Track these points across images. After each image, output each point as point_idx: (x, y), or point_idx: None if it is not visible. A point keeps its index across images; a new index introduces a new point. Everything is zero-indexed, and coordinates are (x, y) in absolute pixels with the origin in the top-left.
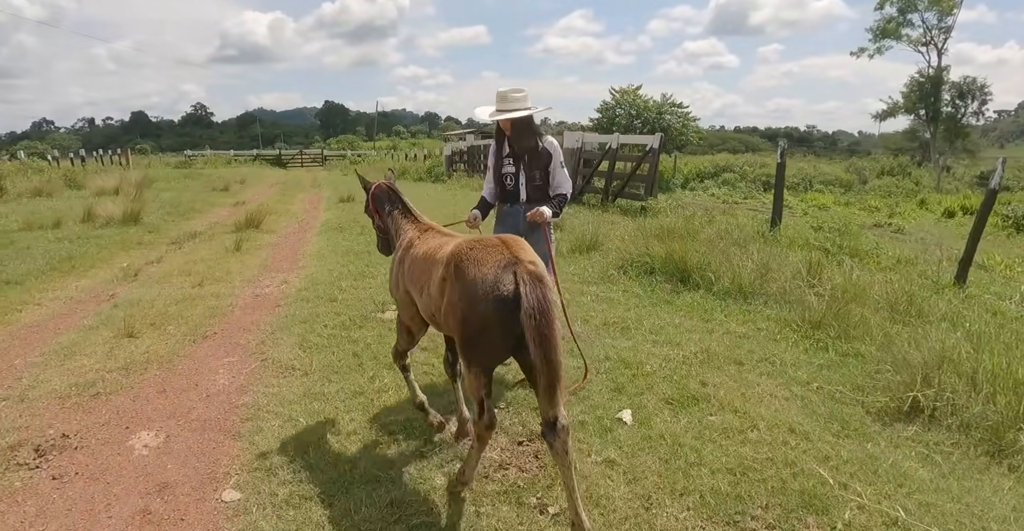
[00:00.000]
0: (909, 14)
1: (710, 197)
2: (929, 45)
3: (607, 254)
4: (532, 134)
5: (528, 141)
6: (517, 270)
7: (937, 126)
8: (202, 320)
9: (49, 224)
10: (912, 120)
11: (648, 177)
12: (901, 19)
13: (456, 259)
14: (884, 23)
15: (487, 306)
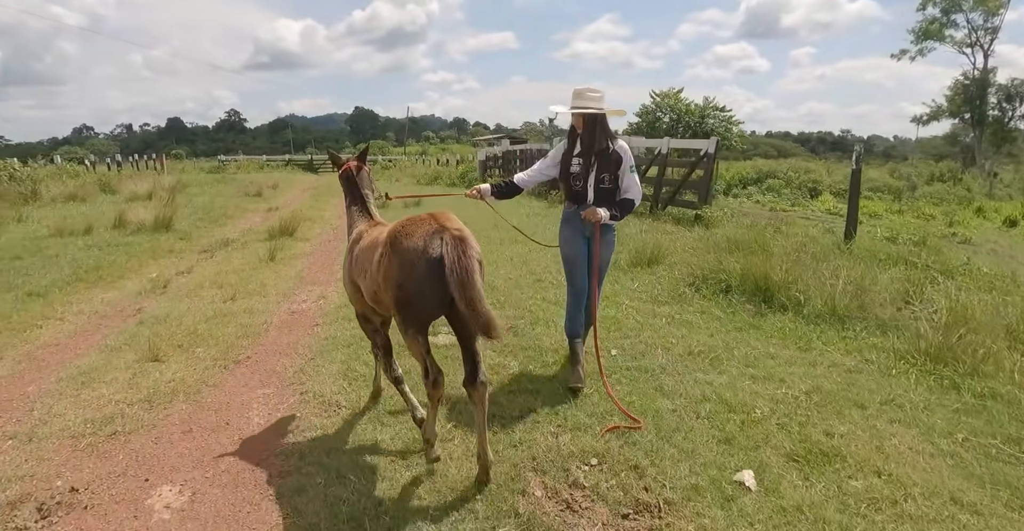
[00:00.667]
0: (953, 14)
1: (755, 204)
2: (974, 46)
3: (672, 269)
4: (604, 134)
5: (600, 141)
6: (443, 236)
7: (983, 130)
8: (234, 341)
9: (80, 230)
10: (954, 124)
11: (702, 184)
12: (945, 20)
13: (391, 236)
14: (926, 24)
15: (419, 269)
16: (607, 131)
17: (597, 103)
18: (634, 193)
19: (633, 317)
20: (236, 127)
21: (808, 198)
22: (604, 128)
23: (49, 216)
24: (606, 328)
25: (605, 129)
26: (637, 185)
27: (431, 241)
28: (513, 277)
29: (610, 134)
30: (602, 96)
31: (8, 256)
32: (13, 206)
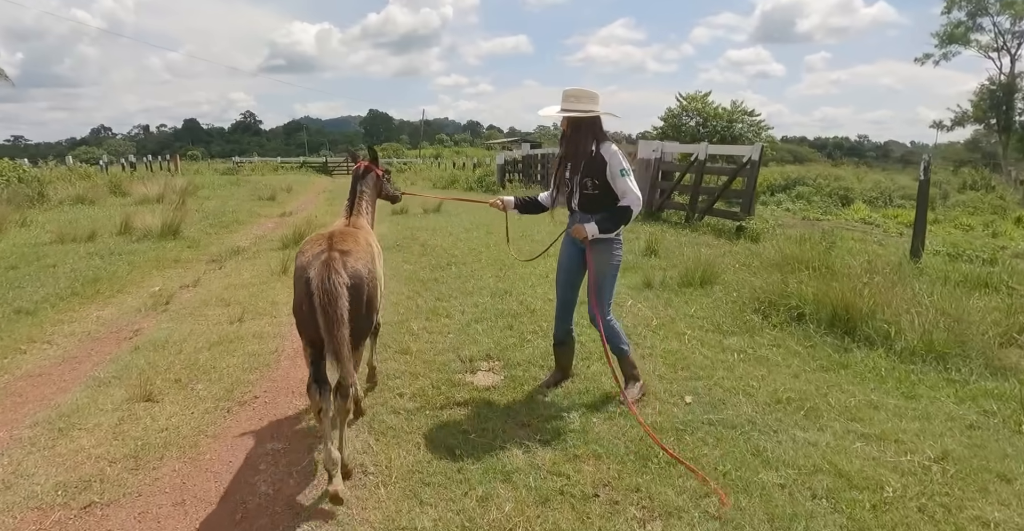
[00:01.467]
0: (979, 18)
1: (785, 212)
2: (1001, 51)
3: (729, 290)
4: (589, 137)
5: (582, 144)
6: (323, 257)
7: (1009, 137)
8: (239, 375)
9: (83, 236)
10: (977, 130)
11: (745, 193)
12: (970, 23)
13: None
14: (951, 28)
15: (299, 287)
16: (594, 134)
17: (585, 105)
18: (630, 199)
19: (699, 351)
20: (251, 129)
21: (839, 206)
22: (590, 131)
23: (54, 220)
24: (671, 365)
25: (591, 132)
26: (633, 191)
27: (312, 262)
28: (553, 298)
29: (599, 137)
30: (594, 97)
31: (3, 265)
32: (18, 209)
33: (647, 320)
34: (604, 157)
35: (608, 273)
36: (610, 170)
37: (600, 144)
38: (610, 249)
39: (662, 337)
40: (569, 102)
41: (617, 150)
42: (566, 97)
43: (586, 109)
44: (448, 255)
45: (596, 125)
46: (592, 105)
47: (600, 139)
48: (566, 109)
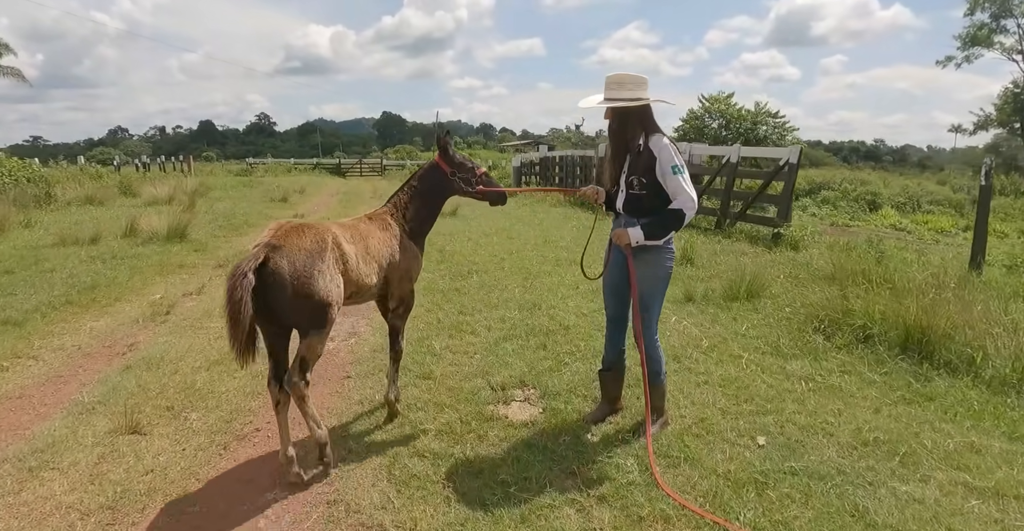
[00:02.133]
0: (1003, 20)
1: (811, 217)
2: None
3: (779, 305)
4: (636, 129)
5: (628, 137)
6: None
7: None
8: (239, 401)
9: (86, 239)
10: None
11: (782, 198)
12: (994, 25)
13: None
14: (974, 30)
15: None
16: (644, 125)
17: (632, 91)
18: (683, 201)
19: (760, 378)
20: (266, 130)
21: (867, 211)
22: (639, 122)
23: (59, 221)
24: (732, 396)
25: (640, 123)
26: (687, 191)
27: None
28: (588, 312)
29: (649, 128)
30: (640, 83)
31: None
32: (23, 209)
33: (696, 340)
34: (653, 151)
35: (655, 287)
36: (660, 166)
37: (649, 137)
38: (658, 259)
39: (716, 360)
40: (613, 89)
41: (668, 143)
42: (609, 84)
43: (634, 97)
44: (469, 262)
45: (646, 115)
46: (640, 91)
47: (650, 130)
48: (611, 98)
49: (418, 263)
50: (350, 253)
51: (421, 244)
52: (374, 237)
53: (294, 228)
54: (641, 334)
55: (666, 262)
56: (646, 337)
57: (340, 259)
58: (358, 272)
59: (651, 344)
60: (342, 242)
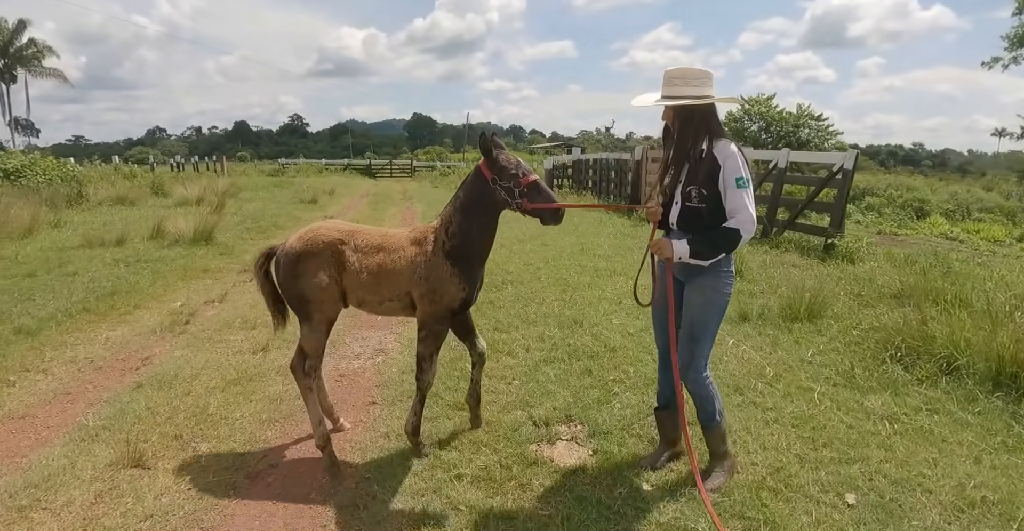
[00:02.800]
0: None
1: (855, 225)
2: None
3: (845, 327)
4: (701, 132)
5: (690, 141)
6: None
7: None
8: (254, 430)
9: (112, 240)
10: None
11: (836, 206)
12: None
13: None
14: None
15: None
16: (708, 128)
17: (696, 88)
18: (742, 220)
19: (837, 417)
20: (299, 131)
21: (914, 219)
22: (703, 123)
23: (88, 221)
24: (808, 439)
25: (705, 125)
26: (748, 208)
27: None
28: (634, 331)
29: (714, 131)
30: (704, 78)
31: (22, 272)
32: (54, 209)
33: (758, 368)
34: (717, 159)
35: (709, 316)
36: (723, 177)
37: (714, 141)
38: (716, 284)
39: (783, 393)
40: (676, 86)
41: (736, 151)
42: (671, 79)
43: (700, 94)
44: (503, 272)
45: (711, 115)
46: (706, 88)
47: (715, 134)
48: (672, 95)
49: (451, 287)
50: (351, 260)
51: (467, 266)
52: (399, 251)
53: (307, 229)
54: (685, 368)
55: (724, 289)
56: (691, 372)
57: (334, 264)
58: (357, 281)
59: (698, 381)
60: (345, 249)
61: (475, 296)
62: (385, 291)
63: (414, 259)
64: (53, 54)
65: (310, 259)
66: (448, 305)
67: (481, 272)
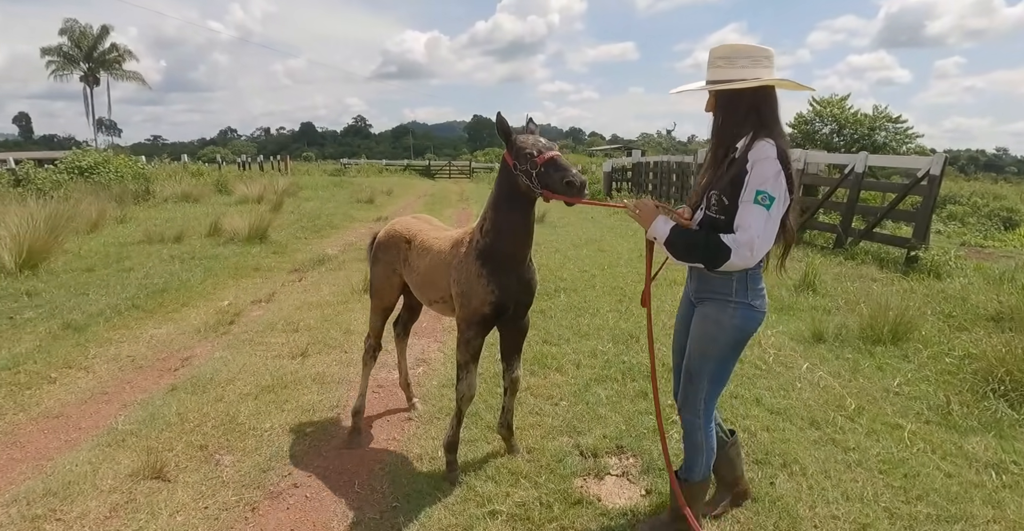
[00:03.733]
0: None
1: (936, 235)
2: None
3: (937, 352)
4: (744, 124)
5: (730, 135)
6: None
7: None
8: (281, 443)
9: (171, 237)
10: None
11: (920, 215)
12: None
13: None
14: None
15: None
16: (759, 118)
17: (743, 71)
18: (739, 240)
19: (933, 463)
20: (362, 132)
21: (1001, 230)
22: (752, 113)
23: (152, 217)
24: (899, 489)
25: (754, 115)
26: (752, 231)
27: None
28: None
29: (761, 126)
30: (759, 58)
31: (82, 266)
32: (122, 205)
33: (837, 398)
34: (748, 161)
35: (708, 352)
36: (747, 185)
37: (755, 140)
38: (718, 314)
39: (867, 430)
40: (717, 68)
41: (773, 154)
42: (715, 60)
43: (744, 77)
44: (556, 279)
45: (764, 104)
46: (758, 70)
47: (760, 130)
48: (714, 80)
49: (478, 288)
50: (411, 259)
51: (496, 267)
52: (443, 252)
53: (393, 221)
54: (680, 405)
55: (732, 321)
56: (684, 412)
57: (400, 259)
58: (412, 279)
59: (690, 425)
60: (409, 247)
61: (511, 303)
62: (431, 292)
63: (451, 261)
64: (133, 58)
65: (383, 250)
66: (477, 309)
67: (520, 276)
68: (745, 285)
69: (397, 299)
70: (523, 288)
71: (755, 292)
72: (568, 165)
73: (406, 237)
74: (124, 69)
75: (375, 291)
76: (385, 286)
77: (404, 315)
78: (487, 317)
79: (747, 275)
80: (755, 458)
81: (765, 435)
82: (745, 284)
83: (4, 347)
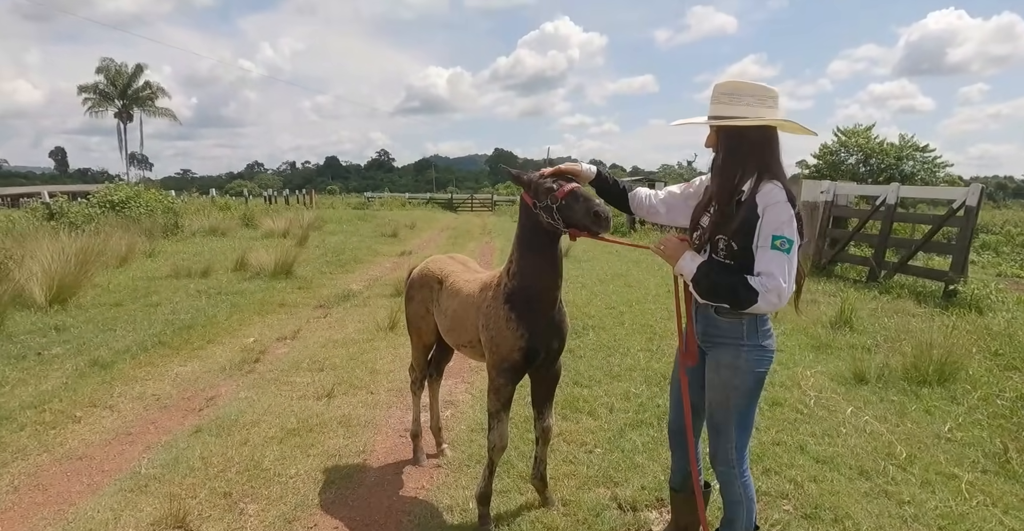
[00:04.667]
0: None
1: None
2: None
3: (987, 394)
4: (750, 164)
5: (736, 175)
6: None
7: None
8: (308, 491)
9: (198, 271)
10: None
11: (958, 247)
12: None
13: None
14: None
15: None
16: (760, 161)
17: (747, 109)
18: (767, 285)
19: (995, 517)
20: (385, 166)
21: None
22: (755, 155)
23: (181, 251)
24: None
25: (757, 156)
26: (779, 278)
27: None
28: None
29: (765, 168)
30: (764, 97)
31: (110, 301)
32: (151, 239)
33: (886, 445)
34: (757, 206)
35: (728, 402)
36: (760, 231)
37: (761, 183)
38: (733, 360)
39: (921, 481)
40: (721, 104)
41: (783, 198)
42: (719, 95)
43: (747, 115)
44: (583, 316)
45: (766, 146)
46: (762, 109)
47: (765, 172)
48: (717, 116)
49: (508, 334)
50: (441, 300)
51: (526, 310)
52: (471, 295)
53: (429, 260)
54: (712, 458)
55: (748, 366)
56: (718, 464)
57: (432, 299)
58: (442, 322)
59: (726, 477)
60: (440, 288)
61: (543, 349)
62: (460, 335)
63: (480, 304)
64: (165, 95)
65: (416, 288)
66: (506, 356)
67: (550, 319)
68: (755, 328)
69: (435, 336)
70: (554, 332)
71: (764, 333)
72: (591, 195)
73: (439, 277)
74: (157, 106)
75: (412, 329)
76: (421, 324)
77: (437, 354)
78: (517, 364)
79: (756, 317)
80: (804, 512)
81: (813, 486)
82: (755, 326)
83: (31, 384)
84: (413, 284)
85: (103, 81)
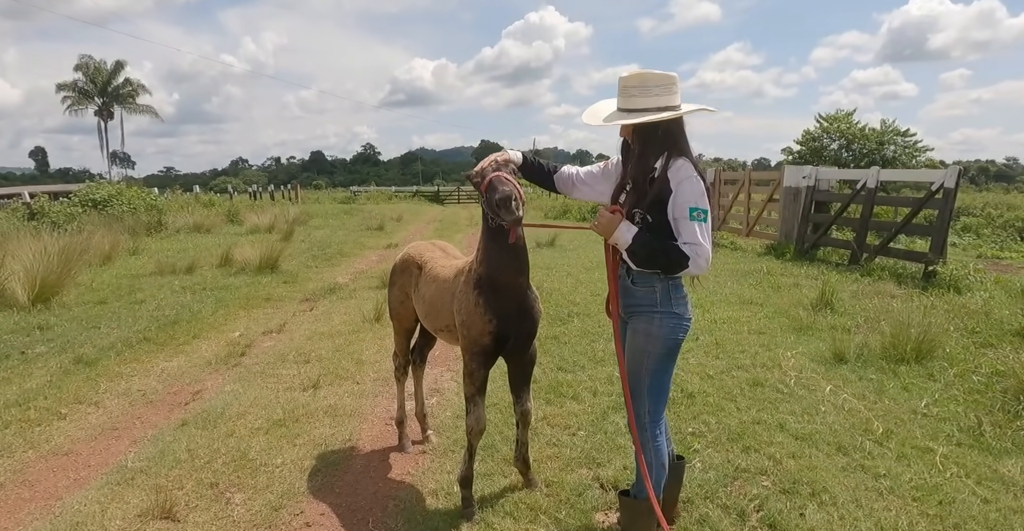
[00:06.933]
0: None
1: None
2: None
3: (963, 370)
4: (657, 149)
5: (646, 160)
6: None
7: None
8: (294, 480)
9: (182, 268)
10: None
11: (937, 229)
12: None
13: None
14: None
15: None
16: (669, 143)
17: (657, 99)
18: (696, 251)
19: (968, 488)
20: (371, 160)
21: (1017, 241)
22: (665, 139)
23: (164, 249)
24: (933, 518)
25: (666, 140)
26: (704, 243)
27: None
28: (714, 373)
29: (674, 148)
30: (670, 85)
31: (93, 299)
32: (134, 237)
33: (864, 421)
34: (670, 182)
35: (641, 364)
36: (674, 204)
37: (671, 160)
38: (647, 327)
39: (897, 455)
40: (631, 96)
41: (694, 173)
42: (625, 89)
43: (660, 105)
44: (568, 303)
45: (676, 129)
46: (669, 97)
47: (674, 152)
48: (631, 109)
49: (476, 318)
50: (419, 286)
51: (492, 296)
52: (446, 281)
53: (411, 245)
54: (631, 421)
55: (659, 332)
56: (636, 428)
57: (411, 284)
58: (420, 307)
59: (641, 439)
60: (419, 273)
61: (512, 333)
62: (436, 320)
63: (454, 290)
64: (146, 92)
65: (398, 274)
66: (476, 339)
67: (520, 304)
68: (668, 295)
69: (415, 321)
70: (523, 317)
71: (678, 300)
72: (506, 182)
73: (418, 263)
74: (138, 103)
75: (393, 314)
76: (400, 309)
77: (420, 341)
78: (487, 347)
79: (669, 285)
80: (782, 487)
81: (791, 463)
82: (668, 294)
83: (15, 382)
84: (395, 270)
85: (82, 79)
